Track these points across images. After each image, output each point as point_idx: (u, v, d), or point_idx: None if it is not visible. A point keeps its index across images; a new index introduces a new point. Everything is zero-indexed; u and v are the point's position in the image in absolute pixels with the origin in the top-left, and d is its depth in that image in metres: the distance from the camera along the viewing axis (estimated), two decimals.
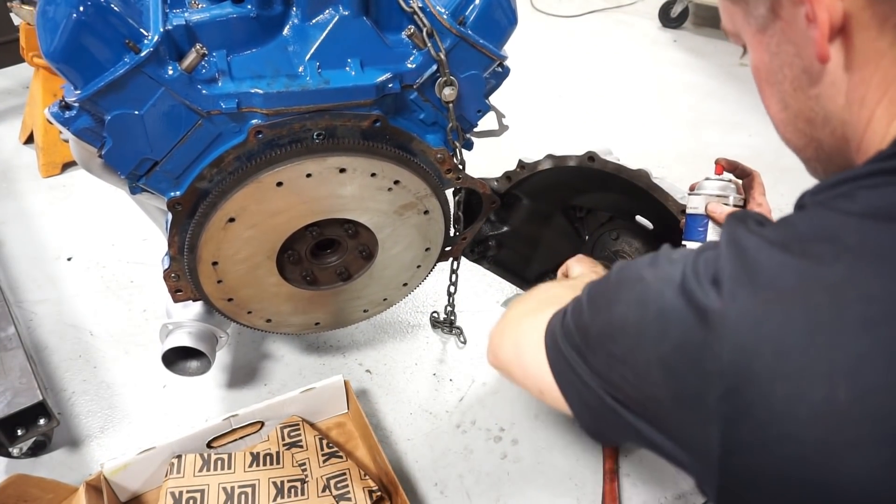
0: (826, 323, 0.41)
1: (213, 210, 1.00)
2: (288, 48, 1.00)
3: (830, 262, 0.43)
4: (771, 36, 0.55)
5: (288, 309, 1.22)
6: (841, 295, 0.41)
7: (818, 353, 0.41)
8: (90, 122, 0.93)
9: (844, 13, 0.47)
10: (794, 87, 0.55)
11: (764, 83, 0.59)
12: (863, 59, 0.49)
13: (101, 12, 0.84)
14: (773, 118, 0.61)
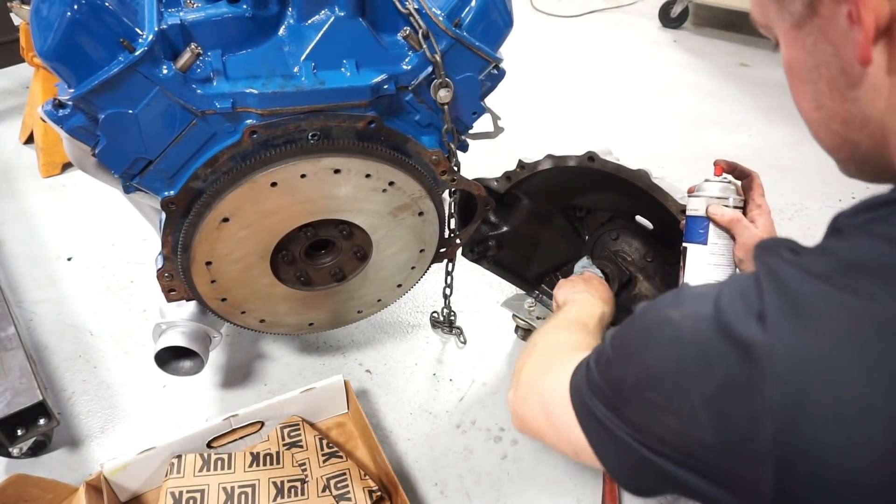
0: (881, 359, 0.39)
1: (207, 210, 1.00)
2: (283, 48, 0.99)
3: (879, 294, 0.41)
4: (808, 33, 0.52)
5: (282, 309, 1.21)
6: (894, 329, 0.39)
7: (876, 391, 0.39)
8: (84, 120, 0.93)
9: (892, 14, 0.44)
10: (831, 87, 0.52)
11: (797, 80, 0.56)
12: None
13: (95, 11, 0.84)
14: (805, 117, 0.58)
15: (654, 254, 1.36)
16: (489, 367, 1.51)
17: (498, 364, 1.53)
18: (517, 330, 1.58)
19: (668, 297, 0.54)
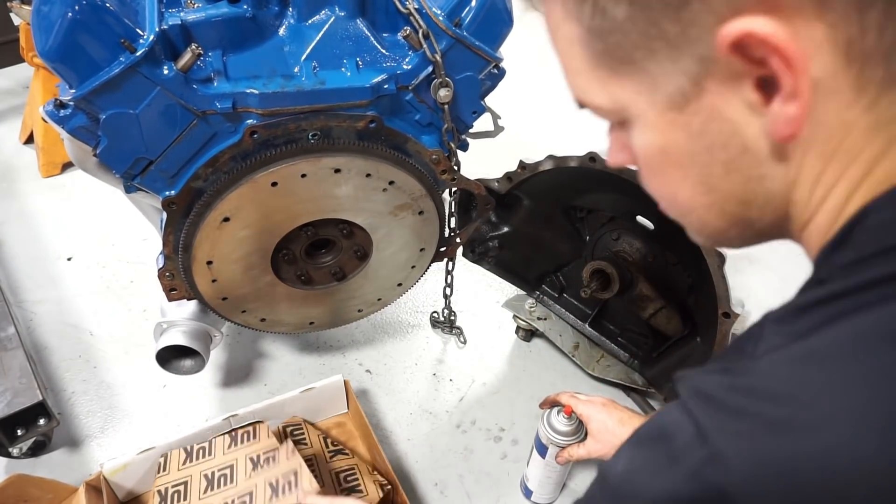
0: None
1: (207, 209, 1.00)
2: (284, 48, 0.99)
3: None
4: (693, 114, 0.42)
5: (282, 308, 1.21)
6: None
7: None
8: (85, 120, 0.93)
9: (812, 82, 0.37)
10: (729, 169, 0.44)
11: (671, 166, 0.47)
12: (826, 131, 0.39)
13: (96, 11, 0.84)
14: (684, 205, 0.49)
15: (656, 254, 1.37)
16: (489, 367, 1.51)
17: (498, 364, 1.53)
18: (518, 331, 1.59)
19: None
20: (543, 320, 1.54)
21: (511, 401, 1.44)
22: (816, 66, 0.37)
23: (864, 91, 0.37)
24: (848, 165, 0.40)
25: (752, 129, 0.41)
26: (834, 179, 0.41)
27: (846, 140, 0.40)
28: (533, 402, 1.39)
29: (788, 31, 0.36)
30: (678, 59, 0.41)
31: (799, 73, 0.37)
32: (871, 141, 0.39)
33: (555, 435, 1.11)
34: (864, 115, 0.38)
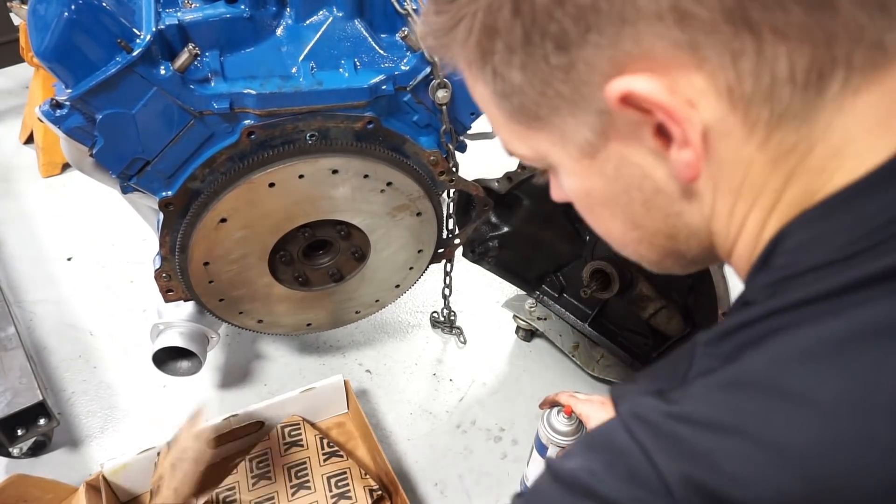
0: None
1: (204, 210, 0.99)
2: (281, 49, 0.99)
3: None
4: (605, 160, 0.44)
5: (280, 310, 1.21)
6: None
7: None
8: (81, 120, 0.93)
9: (704, 127, 0.39)
10: (648, 207, 0.46)
11: (598, 206, 0.49)
12: (728, 169, 0.41)
13: (92, 11, 0.84)
14: (617, 240, 0.52)
15: None
16: (489, 367, 1.51)
17: (498, 364, 1.53)
18: (518, 331, 1.58)
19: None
20: (543, 320, 1.54)
21: (511, 401, 1.44)
22: (704, 112, 0.38)
23: (754, 131, 0.39)
24: (756, 197, 0.42)
25: (660, 171, 0.43)
26: (746, 210, 0.43)
27: (749, 175, 0.41)
28: (533, 402, 1.39)
29: (668, 85, 0.38)
30: (579, 115, 0.42)
31: (684, 124, 0.38)
32: (772, 174, 0.41)
33: (555, 435, 1.10)
34: (759, 153, 0.40)
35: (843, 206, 0.38)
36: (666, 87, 0.38)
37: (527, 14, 0.38)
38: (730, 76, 0.37)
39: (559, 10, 0.37)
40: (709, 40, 0.36)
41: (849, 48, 0.36)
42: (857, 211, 0.38)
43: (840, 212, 0.38)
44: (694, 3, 0.35)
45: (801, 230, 0.40)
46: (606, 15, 0.37)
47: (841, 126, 0.38)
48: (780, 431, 0.36)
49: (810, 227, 0.40)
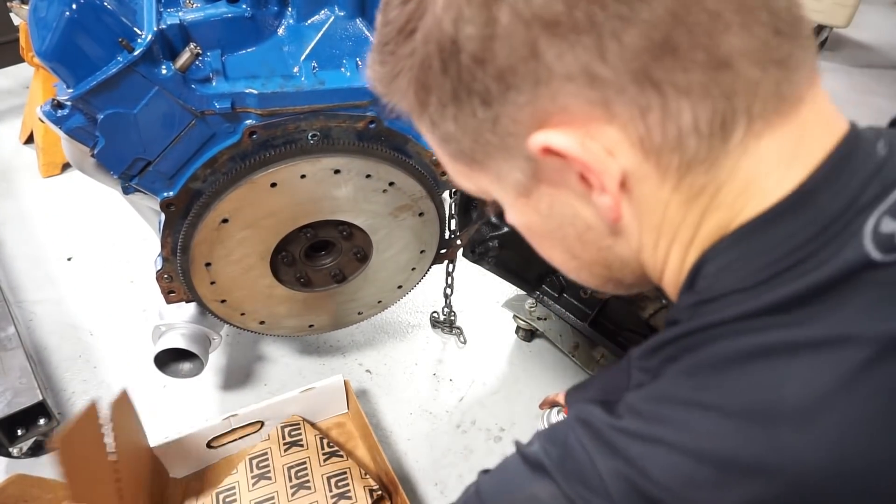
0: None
1: (206, 211, 0.99)
2: (283, 48, 0.99)
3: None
4: (539, 199, 0.48)
5: (282, 311, 1.21)
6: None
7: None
8: (83, 120, 0.93)
9: (622, 172, 0.42)
10: (582, 241, 0.50)
11: (539, 238, 0.53)
12: (648, 209, 0.44)
13: (94, 11, 0.84)
14: (560, 265, 0.55)
15: None
16: (489, 367, 1.51)
17: (498, 364, 1.53)
18: (518, 331, 1.58)
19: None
20: (543, 320, 1.54)
21: (511, 401, 1.44)
22: (621, 159, 0.42)
23: (667, 176, 0.42)
24: (676, 232, 0.45)
25: (588, 211, 0.46)
26: (668, 244, 0.46)
27: (667, 214, 0.44)
28: (533, 402, 1.39)
29: (584, 138, 0.41)
30: (510, 160, 0.46)
31: (600, 175, 0.42)
32: (687, 212, 0.44)
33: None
34: (674, 194, 0.43)
35: (750, 236, 0.42)
36: (581, 142, 0.41)
37: (453, 73, 0.41)
38: (640, 129, 0.40)
39: (480, 71, 0.41)
40: (618, 98, 0.39)
41: (748, 100, 0.39)
42: (761, 241, 0.41)
43: (747, 242, 0.42)
44: (601, 66, 0.38)
45: (716, 258, 0.43)
46: (523, 76, 0.40)
47: (746, 167, 0.41)
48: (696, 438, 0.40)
49: (723, 255, 0.43)
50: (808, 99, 0.42)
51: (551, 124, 0.42)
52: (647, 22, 0.37)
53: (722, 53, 0.38)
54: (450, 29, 0.40)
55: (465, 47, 0.40)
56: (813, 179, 0.41)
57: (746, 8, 0.38)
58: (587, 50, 0.38)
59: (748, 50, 0.38)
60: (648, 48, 0.37)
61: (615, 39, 0.37)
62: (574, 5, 0.37)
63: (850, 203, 0.40)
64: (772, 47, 0.39)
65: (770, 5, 0.39)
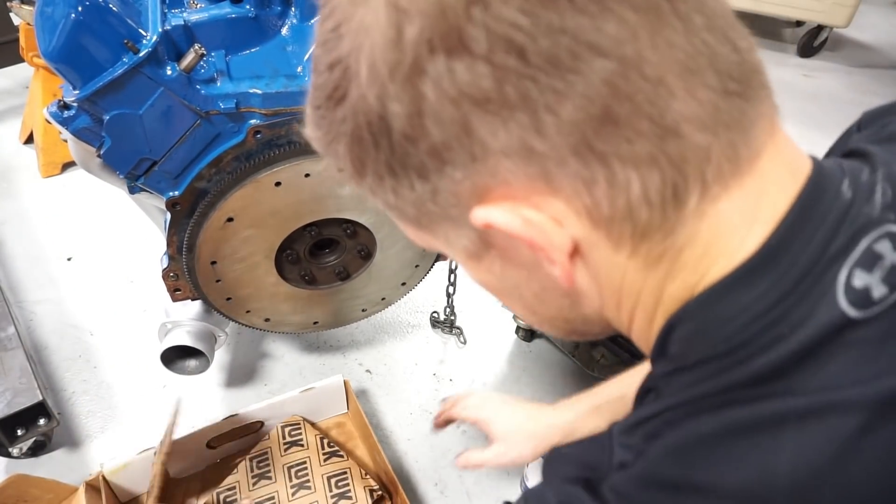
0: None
1: (211, 210, 1.00)
2: (287, 48, 1.00)
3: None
4: (492, 262, 0.46)
5: (286, 308, 1.22)
6: None
7: None
8: (89, 121, 0.93)
9: (573, 239, 0.40)
10: (539, 300, 0.48)
11: (496, 293, 0.51)
12: (605, 274, 0.43)
13: (99, 12, 0.84)
14: (521, 316, 0.53)
15: None
16: (489, 367, 1.52)
17: (498, 364, 1.53)
18: (518, 331, 1.59)
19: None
20: None
21: None
22: (570, 229, 0.39)
23: (621, 244, 0.40)
24: (638, 295, 0.43)
25: (542, 273, 0.44)
26: (632, 306, 0.44)
27: (626, 278, 0.42)
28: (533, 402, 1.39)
29: (524, 214, 0.38)
30: (456, 229, 0.43)
31: (546, 250, 0.40)
32: (647, 277, 0.42)
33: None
34: (630, 261, 0.41)
35: (718, 299, 0.40)
36: (523, 219, 0.38)
37: (385, 148, 0.39)
38: (586, 201, 0.38)
39: (413, 148, 0.38)
40: (559, 171, 0.37)
41: (700, 167, 0.37)
42: (731, 303, 0.39)
43: (716, 305, 0.40)
44: (538, 141, 0.36)
45: (685, 322, 0.41)
46: (457, 153, 0.38)
47: (705, 230, 0.39)
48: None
49: (692, 319, 0.41)
50: (767, 149, 0.40)
51: (493, 198, 0.39)
52: (584, 95, 0.34)
53: (668, 122, 0.35)
54: (376, 105, 0.37)
55: (394, 125, 0.37)
56: (777, 234, 0.38)
57: (690, 71, 0.35)
58: (522, 126, 0.35)
59: (696, 116, 0.36)
60: (587, 120, 0.35)
61: (551, 113, 0.35)
62: (503, 80, 0.34)
63: (819, 256, 0.38)
64: (722, 110, 0.37)
65: (717, 65, 0.36)
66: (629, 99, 0.34)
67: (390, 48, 0.35)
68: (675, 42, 0.35)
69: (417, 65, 0.35)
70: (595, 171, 0.36)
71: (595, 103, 0.34)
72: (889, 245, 0.37)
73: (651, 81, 0.35)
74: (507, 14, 0.33)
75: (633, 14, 0.34)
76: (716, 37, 0.36)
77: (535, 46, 0.33)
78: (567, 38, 0.33)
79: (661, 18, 0.35)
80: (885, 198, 0.39)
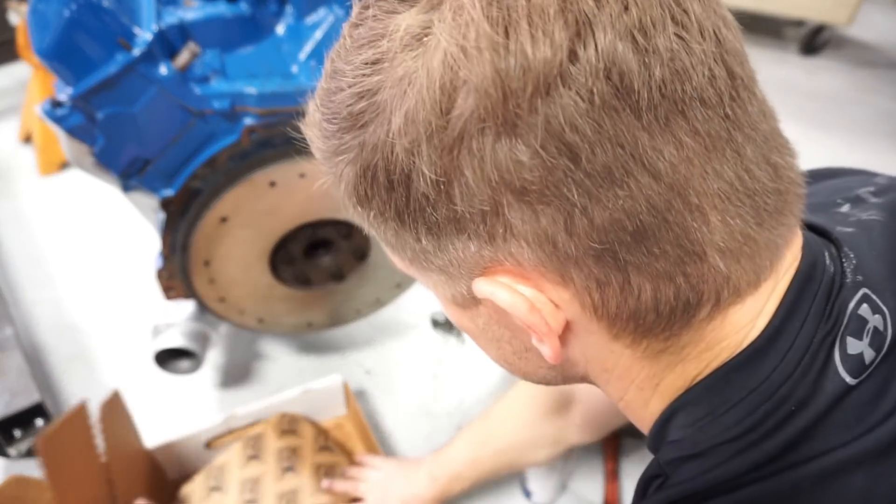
0: None
1: (205, 209, 0.99)
2: (282, 47, 0.99)
3: None
4: (475, 315, 0.45)
5: (280, 309, 1.21)
6: None
7: None
8: (82, 119, 0.93)
9: (569, 321, 0.40)
10: (519, 357, 0.47)
11: (473, 338, 0.50)
12: (598, 354, 0.42)
13: (93, 10, 0.84)
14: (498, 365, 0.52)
15: None
16: (489, 368, 1.51)
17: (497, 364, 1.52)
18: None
19: None
20: None
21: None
22: (568, 312, 0.39)
23: (620, 337, 0.40)
24: (633, 380, 0.43)
25: (527, 337, 0.43)
26: (625, 387, 0.44)
27: (620, 363, 0.42)
28: None
29: (531, 298, 0.38)
30: (452, 282, 0.42)
31: (542, 335, 0.39)
32: (644, 366, 0.42)
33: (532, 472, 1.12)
34: (628, 349, 0.41)
35: (725, 385, 0.40)
36: (528, 305, 0.38)
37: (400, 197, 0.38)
38: (594, 298, 0.38)
39: (431, 208, 0.37)
40: (575, 268, 0.36)
41: (717, 288, 0.37)
42: (737, 386, 0.39)
43: (723, 391, 0.40)
44: (565, 238, 0.35)
45: (688, 407, 0.41)
46: (478, 227, 0.37)
47: (711, 331, 0.39)
48: None
49: (698, 404, 0.41)
50: (786, 256, 0.40)
51: (500, 272, 0.39)
52: (623, 209, 0.34)
53: (694, 246, 0.35)
54: (403, 157, 0.35)
55: (418, 184, 0.36)
56: (777, 317, 0.39)
57: (729, 201, 0.35)
58: (553, 221, 0.35)
59: (724, 244, 0.36)
60: (618, 231, 0.34)
61: (585, 217, 0.34)
62: (548, 177, 0.33)
63: (815, 331, 0.39)
64: (750, 240, 0.37)
65: (755, 196, 0.36)
66: (664, 220, 0.34)
67: (436, 113, 0.33)
68: (723, 173, 0.35)
69: (462, 139, 0.33)
70: (610, 275, 0.36)
71: (630, 218, 0.34)
72: (868, 307, 0.40)
73: (690, 207, 0.34)
74: (570, 114, 0.31)
75: (692, 139, 0.33)
76: (761, 166, 0.36)
77: (591, 154, 0.32)
78: (624, 153, 0.32)
79: (716, 146, 0.34)
80: (852, 263, 0.41)
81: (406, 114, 0.34)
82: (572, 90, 0.31)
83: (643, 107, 0.32)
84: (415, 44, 0.33)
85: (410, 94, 0.33)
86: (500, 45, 0.31)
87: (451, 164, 0.34)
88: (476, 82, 0.32)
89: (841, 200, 0.49)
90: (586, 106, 0.31)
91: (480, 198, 0.35)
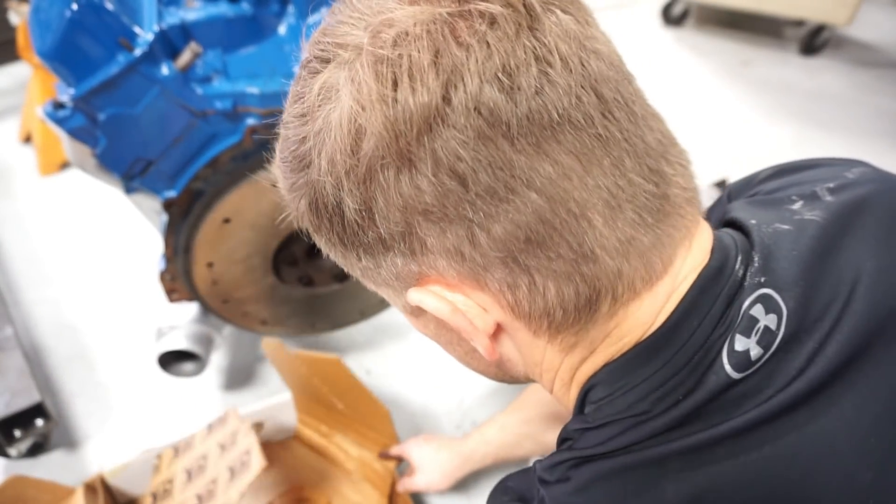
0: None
1: (208, 211, 0.99)
2: (284, 47, 0.99)
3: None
4: (425, 322, 0.52)
5: (284, 311, 1.21)
6: None
7: None
8: (84, 120, 0.92)
9: (496, 323, 0.45)
10: (470, 357, 0.54)
11: (434, 341, 0.56)
12: (527, 350, 0.48)
13: (94, 10, 0.84)
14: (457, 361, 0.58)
15: None
16: None
17: None
18: None
19: None
20: None
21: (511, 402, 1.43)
22: (494, 314, 0.45)
23: (539, 334, 0.45)
24: (556, 371, 0.49)
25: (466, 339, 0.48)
26: (551, 377, 0.50)
27: (545, 357, 0.48)
28: None
29: (453, 301, 0.44)
30: (396, 295, 0.48)
31: (470, 334, 0.45)
32: (565, 357, 0.47)
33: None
34: (549, 345, 0.47)
35: (622, 374, 0.45)
36: (451, 308, 0.44)
37: (338, 226, 0.44)
38: (509, 299, 0.43)
39: (362, 233, 0.43)
40: (487, 274, 0.42)
41: (611, 285, 0.42)
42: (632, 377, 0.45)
43: (621, 378, 0.45)
44: (471, 249, 0.41)
45: (595, 388, 0.47)
46: (400, 245, 0.43)
47: (614, 325, 0.44)
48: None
49: (601, 385, 0.46)
50: (681, 252, 0.44)
51: (428, 282, 0.44)
52: (513, 221, 0.39)
53: (584, 249, 0.40)
54: (331, 192, 0.42)
55: (346, 213, 0.42)
56: (674, 317, 0.44)
57: (611, 207, 0.40)
58: (458, 236, 0.40)
59: (611, 245, 0.41)
60: (514, 240, 0.40)
61: (483, 230, 0.40)
62: (445, 199, 0.39)
63: (711, 330, 0.43)
64: (636, 240, 0.41)
65: (637, 202, 0.41)
66: (553, 227, 0.39)
67: (348, 154, 0.39)
68: (601, 183, 0.40)
69: (371, 173, 0.39)
70: (518, 278, 0.41)
71: (522, 228, 0.39)
72: (761, 308, 0.43)
73: (574, 216, 0.39)
74: (452, 147, 0.37)
75: (567, 157, 0.38)
76: (643, 175, 0.41)
77: (476, 177, 0.38)
78: (504, 174, 0.38)
79: (592, 161, 0.39)
80: (757, 264, 0.45)
81: (328, 157, 0.41)
82: (451, 126, 0.37)
83: (514, 134, 0.37)
84: (327, 100, 0.40)
85: (328, 141, 0.40)
86: (388, 97, 0.37)
87: (367, 194, 0.40)
88: (373, 128, 0.38)
89: (796, 196, 0.52)
90: (464, 138, 0.37)
91: (395, 220, 0.41)
